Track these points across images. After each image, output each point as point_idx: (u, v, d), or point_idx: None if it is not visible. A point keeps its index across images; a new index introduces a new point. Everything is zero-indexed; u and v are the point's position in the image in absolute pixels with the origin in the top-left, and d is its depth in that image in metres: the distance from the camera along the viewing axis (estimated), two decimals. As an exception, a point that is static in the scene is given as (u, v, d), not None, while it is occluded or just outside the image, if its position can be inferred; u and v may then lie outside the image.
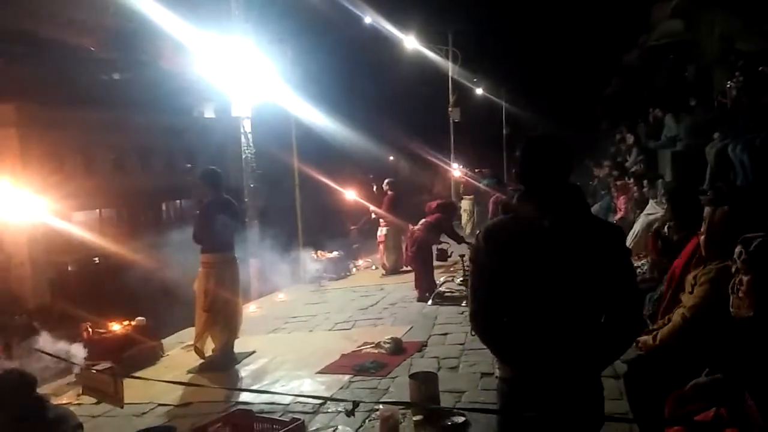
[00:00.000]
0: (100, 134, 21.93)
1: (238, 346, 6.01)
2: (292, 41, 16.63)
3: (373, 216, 11.16)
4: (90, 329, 6.27)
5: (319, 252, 11.10)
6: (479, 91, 27.33)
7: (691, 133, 8.62)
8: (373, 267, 11.26)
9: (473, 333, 2.20)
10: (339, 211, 17.83)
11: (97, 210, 21.66)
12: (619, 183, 9.68)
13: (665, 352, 3.28)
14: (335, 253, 11.09)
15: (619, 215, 9.11)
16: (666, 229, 5.23)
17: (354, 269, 11.26)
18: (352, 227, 16.72)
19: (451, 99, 21.73)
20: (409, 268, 9.01)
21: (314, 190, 16.52)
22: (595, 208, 9.79)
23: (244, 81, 10.50)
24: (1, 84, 21.04)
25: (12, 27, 25.09)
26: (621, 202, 9.32)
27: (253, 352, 6.14)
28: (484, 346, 2.12)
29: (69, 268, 19.16)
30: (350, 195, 15.33)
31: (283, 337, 6.96)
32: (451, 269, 9.61)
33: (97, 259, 18.75)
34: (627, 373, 3.34)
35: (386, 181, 10.88)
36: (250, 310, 8.15)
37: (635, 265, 5.10)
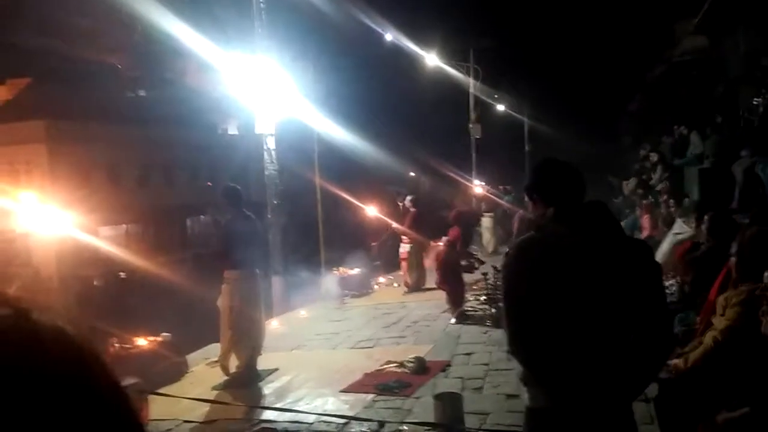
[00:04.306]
0: (126, 150, 22.37)
1: (262, 363, 6.03)
2: (314, 58, 16.89)
3: (394, 232, 11.17)
4: (116, 344, 6.35)
5: (340, 269, 11.11)
6: (501, 107, 27.33)
7: (717, 150, 8.51)
8: (395, 284, 11.24)
9: (510, 354, 2.16)
10: (360, 227, 17.89)
11: (124, 225, 22.01)
12: (644, 202, 9.57)
13: (697, 375, 3.22)
14: (357, 270, 11.09)
15: (644, 234, 9.00)
16: (695, 249, 5.15)
17: (376, 286, 11.25)
18: (373, 243, 16.76)
19: (472, 115, 21.74)
20: (434, 286, 8.97)
21: (335, 207, 16.62)
22: (619, 226, 9.67)
23: (267, 98, 10.65)
24: (32, 101, 21.65)
25: (43, 46, 25.87)
26: (646, 221, 9.21)
27: (276, 369, 6.15)
28: (510, 367, 2.11)
29: (95, 283, 19.45)
30: (371, 211, 15.39)
31: (306, 354, 6.97)
32: (474, 287, 9.54)
33: (122, 273, 19.01)
34: (658, 397, 3.29)
35: (408, 198, 10.89)
36: (272, 326, 8.18)
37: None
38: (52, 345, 0.35)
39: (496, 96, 26.56)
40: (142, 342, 6.49)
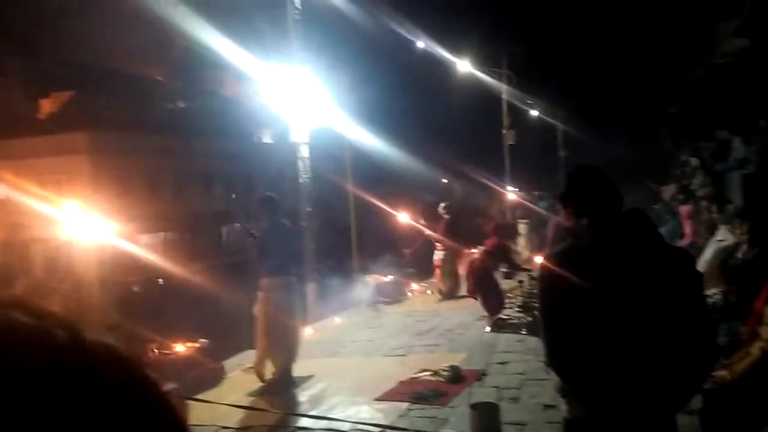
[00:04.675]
0: (165, 160, 22.92)
1: (297, 370, 6.08)
2: (347, 67, 17.06)
3: (428, 239, 11.14)
4: (155, 350, 6.49)
5: (374, 276, 11.13)
6: (534, 112, 27.05)
7: (761, 155, 8.25)
8: (429, 292, 11.20)
9: (548, 366, 2.13)
10: (393, 234, 17.90)
11: (162, 233, 22.52)
12: (685, 208, 9.33)
13: (743, 386, 3.12)
14: (390, 277, 11.09)
15: (686, 240, 8.76)
16: (736, 256, 4.99)
17: (409, 293, 11.23)
18: (406, 250, 16.73)
19: (505, 121, 21.58)
20: (467, 294, 8.90)
21: (368, 214, 16.67)
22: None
23: (302, 107, 10.78)
24: (75, 113, 22.41)
25: (85, 59, 26.76)
26: (687, 227, 8.97)
27: (312, 376, 6.19)
28: (547, 377, 2.07)
29: (134, 289, 19.93)
30: (404, 218, 15.38)
31: (341, 361, 6.99)
32: (509, 295, 9.43)
33: (160, 280, 19.44)
34: (703, 409, 3.19)
35: (442, 205, 10.85)
36: (307, 333, 8.23)
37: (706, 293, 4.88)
38: (107, 366, 0.36)
39: (529, 101, 26.31)
40: (180, 348, 6.61)
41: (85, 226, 17.66)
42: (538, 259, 8.17)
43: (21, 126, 22.58)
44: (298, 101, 10.69)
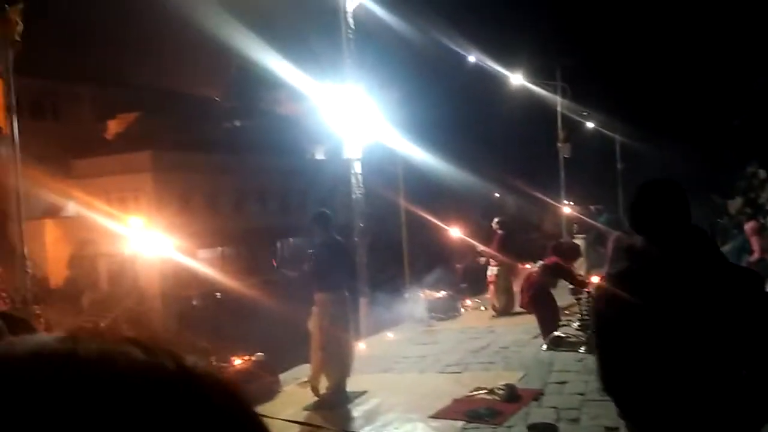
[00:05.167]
0: (222, 177, 23.65)
1: (350, 385, 6.09)
2: (399, 83, 17.21)
3: (481, 255, 11.02)
4: (214, 363, 6.64)
5: (426, 291, 11.07)
6: (590, 124, 26.44)
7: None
8: (482, 308, 11.04)
9: (604, 393, 2.07)
10: (445, 249, 17.80)
11: (219, 248, 23.18)
12: (752, 223, 8.88)
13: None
14: (443, 293, 11.01)
15: (754, 257, 8.32)
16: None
17: (462, 309, 11.10)
18: (458, 266, 16.59)
19: (561, 134, 21.18)
20: (522, 309, 8.73)
21: (420, 229, 16.65)
22: (725, 249, 9.02)
23: (355, 124, 10.92)
24: (140, 134, 23.46)
25: (149, 82, 28.08)
26: (755, 243, 8.53)
27: (365, 392, 6.19)
28: (608, 398, 2.01)
29: (194, 302, 20.55)
30: (455, 233, 15.27)
31: (394, 377, 6.97)
32: (566, 312, 9.19)
33: (218, 294, 19.96)
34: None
35: (496, 220, 10.72)
36: (360, 348, 8.25)
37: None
38: (211, 391, 0.38)
39: (585, 113, 25.74)
40: (237, 361, 6.75)
41: (147, 242, 18.40)
42: (595, 279, 7.98)
43: (90, 146, 23.86)
44: (351, 118, 10.84)
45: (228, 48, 22.45)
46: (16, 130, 5.80)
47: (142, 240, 18.48)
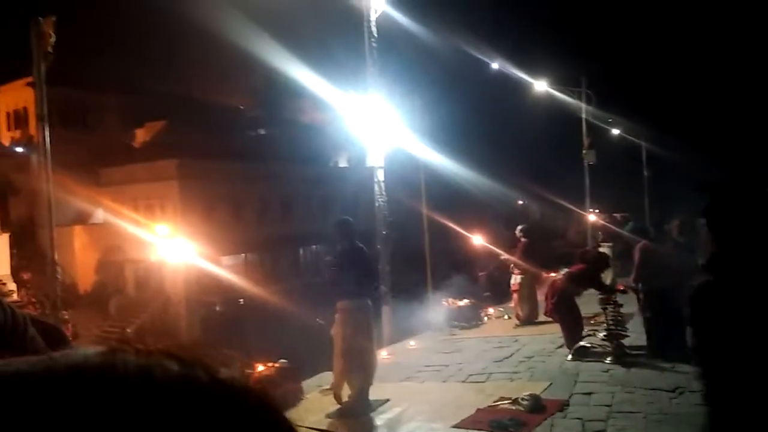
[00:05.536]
0: (246, 185, 23.89)
1: (373, 393, 6.07)
2: (422, 90, 17.22)
3: (504, 262, 10.92)
4: (242, 372, 6.67)
5: (449, 299, 11.00)
6: (615, 131, 26.12)
7: None
8: (506, 316, 10.93)
9: (705, 404, 1.94)
10: (467, 256, 17.69)
11: (243, 254, 23.38)
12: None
13: None
14: (466, 301, 10.92)
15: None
16: None
17: (485, 318, 11.00)
18: (480, 273, 16.45)
19: (585, 141, 20.96)
20: (548, 318, 8.62)
21: (442, 236, 16.60)
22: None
23: (378, 132, 10.95)
24: (166, 142, 23.86)
25: (175, 91, 28.54)
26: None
27: (388, 400, 6.16)
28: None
29: (217, 308, 20.74)
30: (478, 240, 15.16)
31: (416, 386, 6.93)
32: (592, 321, 9.05)
33: (241, 300, 20.13)
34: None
35: (519, 227, 10.62)
36: (382, 356, 8.22)
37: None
38: (246, 399, 0.38)
39: (610, 120, 25.44)
40: (260, 367, 6.78)
41: (173, 248, 18.65)
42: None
43: (118, 155, 24.32)
44: (374, 126, 10.87)
45: (252, 57, 22.73)
46: (47, 139, 5.94)
47: (168, 246, 18.75)
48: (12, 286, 16.70)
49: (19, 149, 24.41)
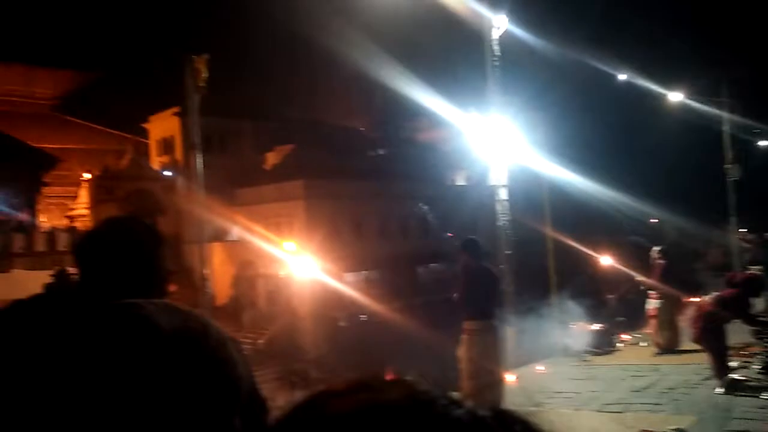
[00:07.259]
0: (367, 204, 24.60)
1: (502, 418, 5.92)
2: (546, 105, 16.80)
3: (637, 284, 10.25)
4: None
5: (579, 322, 10.49)
6: (765, 143, 23.67)
7: None
8: (642, 343, 10.20)
9: None
10: (595, 278, 16.79)
11: (364, 272, 24.00)
12: None
13: None
14: (598, 325, 10.34)
15: None
16: None
17: (620, 344, 10.35)
18: (610, 296, 15.51)
19: (729, 155, 19.21)
20: (691, 347, 7.94)
21: (567, 256, 15.92)
22: None
23: (500, 150, 10.79)
24: (294, 164, 25.26)
25: (302, 117, 30.23)
26: None
27: (518, 425, 5.97)
28: None
29: (340, 323, 21.40)
30: (607, 261, 14.32)
31: (547, 413, 6.66)
32: (743, 352, 8.19)
33: (363, 316, 20.62)
34: None
35: (657, 248, 9.92)
36: (508, 380, 8.01)
37: None
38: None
39: (756, 130, 23.11)
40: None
41: (299, 264, 19.59)
42: None
43: (251, 177, 26.17)
44: (496, 145, 10.74)
45: (373, 79, 23.50)
46: (200, 165, 6.53)
47: (295, 262, 19.74)
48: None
49: (167, 173, 27.03)
